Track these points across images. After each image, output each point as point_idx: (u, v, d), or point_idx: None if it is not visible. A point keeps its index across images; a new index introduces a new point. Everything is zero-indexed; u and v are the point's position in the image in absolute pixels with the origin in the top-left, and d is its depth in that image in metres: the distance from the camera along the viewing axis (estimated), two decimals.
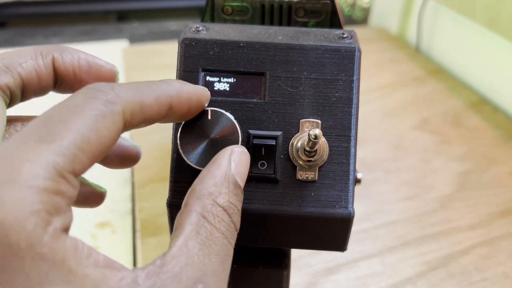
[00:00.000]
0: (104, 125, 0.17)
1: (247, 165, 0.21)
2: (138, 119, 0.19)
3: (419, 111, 0.63)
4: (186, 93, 0.21)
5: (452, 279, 0.39)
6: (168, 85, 0.20)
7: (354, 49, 0.24)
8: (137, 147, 0.26)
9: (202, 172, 0.20)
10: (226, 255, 0.19)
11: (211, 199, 0.19)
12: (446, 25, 0.74)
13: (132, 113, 0.18)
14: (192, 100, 0.21)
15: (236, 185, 0.20)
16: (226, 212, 0.19)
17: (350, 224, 0.23)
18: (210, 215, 0.18)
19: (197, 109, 0.22)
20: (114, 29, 0.88)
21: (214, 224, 0.18)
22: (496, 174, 0.51)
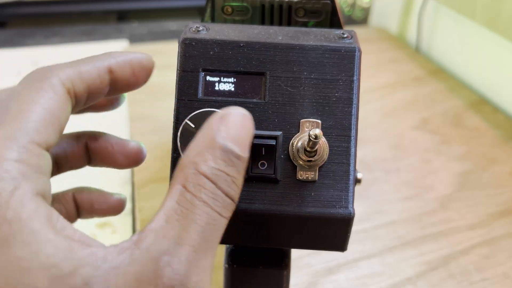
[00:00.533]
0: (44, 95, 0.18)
1: (243, 127, 0.19)
2: (81, 87, 0.20)
3: (419, 111, 0.63)
4: (125, 56, 0.22)
5: (452, 279, 0.39)
6: (106, 54, 0.22)
7: (354, 49, 0.24)
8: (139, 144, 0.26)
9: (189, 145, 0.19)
10: (209, 225, 0.17)
11: (193, 168, 0.17)
12: (446, 25, 0.74)
13: (72, 81, 0.20)
14: (133, 63, 0.22)
15: (225, 150, 0.18)
16: (209, 179, 0.17)
17: (350, 224, 0.23)
18: (190, 185, 0.17)
19: (143, 72, 0.22)
20: (114, 29, 0.88)
21: (195, 193, 0.17)
22: (496, 174, 0.51)
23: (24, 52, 0.77)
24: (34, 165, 0.17)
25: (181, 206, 0.17)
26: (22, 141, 0.17)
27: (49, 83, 0.19)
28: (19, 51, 0.77)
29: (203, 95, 0.24)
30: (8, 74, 0.71)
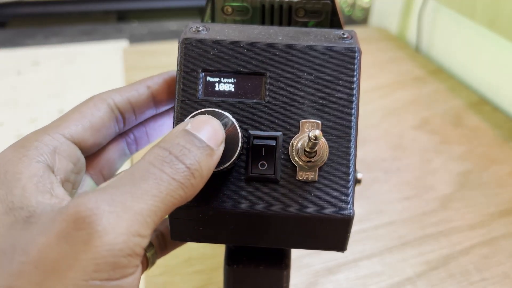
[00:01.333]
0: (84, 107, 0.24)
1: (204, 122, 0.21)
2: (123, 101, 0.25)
3: (419, 111, 0.63)
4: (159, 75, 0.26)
5: (452, 279, 0.39)
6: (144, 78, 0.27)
7: (354, 50, 0.24)
8: None
9: None
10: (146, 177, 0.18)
11: (156, 146, 0.20)
12: (446, 25, 0.74)
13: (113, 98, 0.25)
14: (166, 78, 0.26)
15: (187, 133, 0.20)
16: (167, 151, 0.19)
17: (350, 224, 0.23)
18: (147, 155, 0.19)
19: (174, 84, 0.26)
20: (114, 29, 0.88)
21: (150, 160, 0.19)
22: (496, 174, 0.51)
23: (24, 52, 0.77)
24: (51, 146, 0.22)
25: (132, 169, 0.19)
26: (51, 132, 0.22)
27: (93, 100, 0.24)
28: (19, 51, 0.77)
29: (203, 95, 0.24)
30: (8, 74, 0.71)
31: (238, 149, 0.22)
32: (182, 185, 0.19)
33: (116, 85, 0.27)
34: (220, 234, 0.24)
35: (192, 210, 0.23)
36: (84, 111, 0.24)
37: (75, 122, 0.23)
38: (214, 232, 0.24)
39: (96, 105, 0.24)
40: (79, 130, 0.23)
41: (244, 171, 0.23)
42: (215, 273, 0.39)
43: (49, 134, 0.22)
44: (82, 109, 0.24)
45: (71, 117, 0.23)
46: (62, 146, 0.22)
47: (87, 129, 0.23)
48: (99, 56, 0.77)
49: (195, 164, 0.19)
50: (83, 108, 0.24)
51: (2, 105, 0.65)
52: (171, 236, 0.25)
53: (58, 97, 0.67)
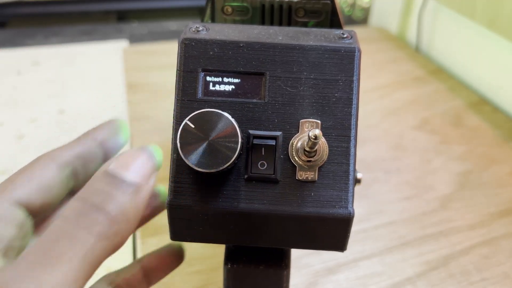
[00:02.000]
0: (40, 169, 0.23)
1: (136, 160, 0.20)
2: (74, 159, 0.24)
3: (419, 111, 0.63)
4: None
5: (452, 279, 0.39)
6: None
7: (354, 49, 0.24)
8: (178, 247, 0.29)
9: None
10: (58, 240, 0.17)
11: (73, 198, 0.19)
12: (446, 25, 0.74)
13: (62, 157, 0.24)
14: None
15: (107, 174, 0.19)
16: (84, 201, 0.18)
17: (350, 224, 0.23)
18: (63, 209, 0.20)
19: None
20: (114, 29, 0.88)
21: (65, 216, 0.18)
22: (496, 174, 0.51)
23: (24, 52, 0.77)
24: None
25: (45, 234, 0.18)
26: None
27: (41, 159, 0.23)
28: (19, 51, 0.77)
29: (203, 95, 0.24)
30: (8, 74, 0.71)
31: (238, 149, 0.22)
32: (102, 237, 0.17)
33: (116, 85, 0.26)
34: (220, 234, 0.24)
35: (192, 210, 0.23)
36: (32, 171, 0.22)
37: (22, 184, 0.21)
38: (214, 232, 0.24)
39: (44, 164, 0.23)
40: (26, 192, 0.21)
41: (244, 171, 0.23)
42: (215, 273, 0.39)
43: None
44: (29, 170, 0.22)
45: (19, 178, 0.22)
46: (6, 213, 0.20)
47: (36, 191, 0.22)
48: (99, 56, 0.77)
49: (116, 210, 0.18)
50: (30, 168, 0.22)
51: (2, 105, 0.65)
52: (170, 236, 0.25)
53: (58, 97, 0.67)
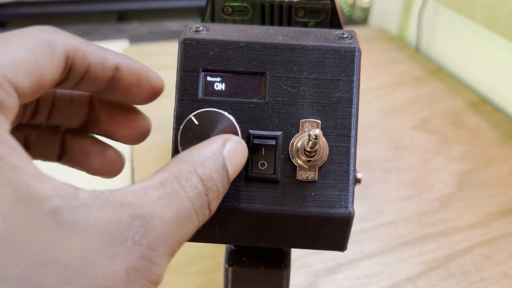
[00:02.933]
0: (43, 50, 0.17)
1: (241, 157, 0.20)
2: (81, 62, 0.19)
3: (419, 111, 0.63)
4: (137, 64, 0.21)
5: (452, 279, 0.39)
6: (121, 53, 0.21)
7: (354, 49, 0.24)
8: (121, 155, 0.25)
9: (192, 146, 0.19)
10: (187, 218, 0.17)
11: (191, 166, 0.18)
12: (446, 25, 0.74)
13: (74, 52, 0.19)
14: (141, 73, 0.21)
15: (223, 167, 0.19)
16: (202, 182, 0.18)
17: (350, 224, 0.23)
18: (183, 177, 0.17)
19: (147, 87, 0.22)
20: (114, 29, 0.88)
21: (184, 186, 0.17)
22: (496, 174, 0.51)
23: None
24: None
25: (165, 190, 0.17)
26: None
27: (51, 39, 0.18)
28: None
29: (203, 95, 0.24)
30: None
31: None
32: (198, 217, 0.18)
33: None
34: (220, 234, 0.24)
35: None
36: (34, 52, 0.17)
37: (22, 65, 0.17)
38: (214, 232, 0.24)
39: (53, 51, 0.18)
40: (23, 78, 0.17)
41: (244, 170, 0.23)
42: (215, 273, 0.39)
43: None
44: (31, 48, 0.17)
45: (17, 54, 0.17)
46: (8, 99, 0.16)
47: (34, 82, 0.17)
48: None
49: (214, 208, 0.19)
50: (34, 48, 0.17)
51: None
52: None
53: None
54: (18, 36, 0.17)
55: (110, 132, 0.24)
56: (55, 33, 0.18)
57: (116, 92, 0.21)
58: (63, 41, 0.18)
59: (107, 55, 0.20)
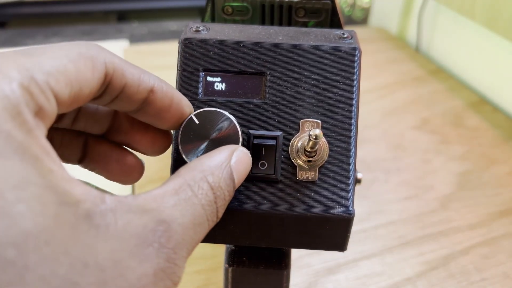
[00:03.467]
0: (85, 63, 0.18)
1: (246, 167, 0.21)
2: (119, 81, 0.20)
3: (419, 111, 0.63)
4: (171, 89, 0.22)
5: (452, 279, 0.39)
6: (159, 78, 0.21)
7: (354, 49, 0.24)
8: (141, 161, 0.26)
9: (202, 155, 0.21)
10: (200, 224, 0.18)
11: (202, 174, 0.19)
12: (446, 25, 0.74)
13: (114, 70, 0.19)
14: (174, 99, 0.22)
15: (230, 177, 0.20)
16: (212, 190, 0.19)
17: (350, 224, 0.23)
18: (195, 185, 0.18)
19: (177, 113, 0.22)
20: (114, 29, 0.88)
21: (196, 194, 0.18)
22: (496, 174, 0.51)
23: None
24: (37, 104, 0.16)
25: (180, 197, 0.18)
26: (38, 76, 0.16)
27: (94, 55, 0.18)
28: None
29: (203, 95, 0.24)
30: None
31: None
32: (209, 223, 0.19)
33: None
34: (220, 234, 0.24)
35: None
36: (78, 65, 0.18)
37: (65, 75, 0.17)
38: (214, 232, 0.24)
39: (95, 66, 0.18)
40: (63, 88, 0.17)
41: None
42: (215, 273, 0.39)
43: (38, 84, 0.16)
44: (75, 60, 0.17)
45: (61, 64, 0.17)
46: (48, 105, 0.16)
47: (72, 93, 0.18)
48: None
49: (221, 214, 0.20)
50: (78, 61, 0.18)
51: None
52: None
53: None
54: (62, 48, 0.18)
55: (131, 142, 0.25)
56: (98, 49, 0.19)
57: (146, 114, 0.22)
58: (104, 57, 0.19)
59: (144, 77, 0.21)
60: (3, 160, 0.14)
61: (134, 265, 0.15)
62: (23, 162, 0.14)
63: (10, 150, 0.14)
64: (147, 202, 0.17)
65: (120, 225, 0.15)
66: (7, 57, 0.16)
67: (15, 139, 0.14)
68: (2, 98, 0.14)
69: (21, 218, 0.13)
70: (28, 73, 0.15)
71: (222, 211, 0.20)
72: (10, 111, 0.14)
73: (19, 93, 0.15)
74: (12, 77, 0.15)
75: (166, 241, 0.16)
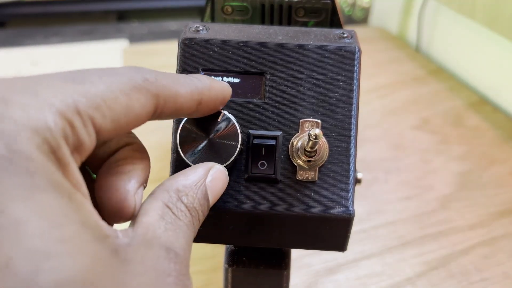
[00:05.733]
0: (136, 96, 0.17)
1: (222, 185, 0.21)
2: (170, 108, 0.19)
3: (419, 111, 0.63)
4: (215, 90, 0.21)
5: (452, 279, 0.39)
6: (200, 81, 0.20)
7: (354, 49, 0.24)
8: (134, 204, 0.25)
9: (177, 173, 0.20)
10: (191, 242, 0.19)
11: (176, 195, 0.19)
12: (446, 25, 0.74)
13: (165, 100, 0.18)
14: (219, 97, 0.21)
15: (204, 196, 0.20)
16: (188, 211, 0.19)
17: (350, 224, 0.23)
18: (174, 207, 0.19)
19: (221, 105, 0.22)
20: (114, 29, 0.88)
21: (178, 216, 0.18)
22: (496, 174, 0.51)
23: (24, 52, 0.77)
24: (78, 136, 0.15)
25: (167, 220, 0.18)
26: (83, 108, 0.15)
27: (147, 87, 0.17)
28: (18, 51, 0.77)
29: None
30: (8, 74, 0.71)
31: (238, 148, 0.22)
32: None
33: None
34: (220, 234, 0.24)
35: None
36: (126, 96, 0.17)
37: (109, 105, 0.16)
38: (214, 232, 0.24)
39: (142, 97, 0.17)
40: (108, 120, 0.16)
41: (244, 171, 0.23)
42: (215, 273, 0.39)
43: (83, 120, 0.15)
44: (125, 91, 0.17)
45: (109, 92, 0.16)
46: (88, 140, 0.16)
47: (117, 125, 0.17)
48: (99, 56, 0.77)
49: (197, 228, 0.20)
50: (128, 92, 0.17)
51: None
52: None
53: None
54: (117, 73, 0.17)
55: None
56: (152, 77, 0.18)
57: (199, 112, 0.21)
58: (157, 88, 0.18)
59: (193, 89, 0.20)
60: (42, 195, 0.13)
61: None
62: (60, 199, 0.14)
63: (46, 185, 0.14)
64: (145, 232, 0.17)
65: (140, 259, 0.16)
66: (53, 82, 0.15)
67: (52, 175, 0.14)
68: (44, 129, 0.14)
69: (63, 260, 0.13)
70: (74, 104, 0.15)
71: (197, 230, 0.20)
72: (49, 144, 0.14)
73: (61, 126, 0.14)
74: (57, 107, 0.14)
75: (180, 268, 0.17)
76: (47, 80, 0.15)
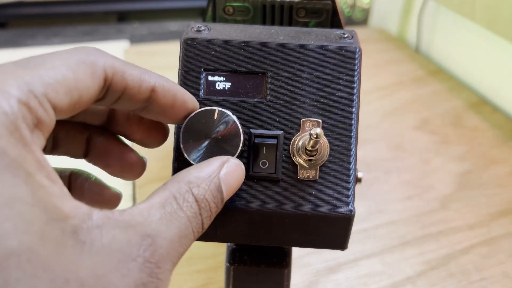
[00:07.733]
0: (82, 69, 0.18)
1: (238, 178, 0.21)
2: (120, 84, 0.20)
3: (419, 111, 0.63)
4: (173, 86, 0.22)
5: (452, 278, 0.39)
6: (159, 75, 0.21)
7: (355, 49, 0.24)
8: (143, 158, 0.26)
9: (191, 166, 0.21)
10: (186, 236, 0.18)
11: (187, 186, 0.19)
12: (446, 26, 0.74)
13: (114, 74, 0.19)
14: (177, 96, 0.22)
15: (218, 189, 0.20)
16: (197, 203, 0.19)
17: (351, 223, 0.24)
18: (180, 198, 0.19)
19: (182, 109, 0.22)
20: (115, 30, 0.89)
21: (181, 206, 0.19)
22: (496, 174, 0.51)
23: (25, 53, 0.77)
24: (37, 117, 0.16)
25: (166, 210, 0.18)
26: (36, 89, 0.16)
27: (93, 60, 0.18)
28: (20, 52, 0.77)
29: (204, 94, 0.24)
30: None
31: (240, 147, 0.22)
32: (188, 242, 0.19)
33: None
34: (221, 233, 0.24)
35: None
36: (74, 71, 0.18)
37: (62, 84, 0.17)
38: (215, 231, 0.24)
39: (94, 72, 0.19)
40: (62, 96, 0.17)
41: (245, 170, 0.23)
42: (215, 272, 0.39)
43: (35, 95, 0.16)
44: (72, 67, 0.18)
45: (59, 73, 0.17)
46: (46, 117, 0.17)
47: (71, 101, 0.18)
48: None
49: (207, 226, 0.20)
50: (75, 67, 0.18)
51: None
52: None
53: None
54: (61, 56, 0.18)
55: (128, 134, 0.25)
56: (97, 53, 0.19)
57: (151, 111, 0.22)
58: (103, 62, 0.19)
59: (144, 77, 0.21)
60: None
61: (116, 280, 0.15)
62: (14, 179, 0.14)
63: (2, 166, 0.14)
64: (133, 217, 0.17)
65: (105, 241, 0.16)
66: (6, 71, 0.16)
67: (9, 156, 0.15)
68: (1, 114, 0.15)
69: (5, 237, 0.14)
70: (27, 87, 0.16)
71: (208, 222, 0.20)
72: (7, 127, 0.15)
73: (17, 109, 0.15)
74: (10, 93, 0.15)
75: (150, 256, 0.17)
76: (0, 70, 0.16)
